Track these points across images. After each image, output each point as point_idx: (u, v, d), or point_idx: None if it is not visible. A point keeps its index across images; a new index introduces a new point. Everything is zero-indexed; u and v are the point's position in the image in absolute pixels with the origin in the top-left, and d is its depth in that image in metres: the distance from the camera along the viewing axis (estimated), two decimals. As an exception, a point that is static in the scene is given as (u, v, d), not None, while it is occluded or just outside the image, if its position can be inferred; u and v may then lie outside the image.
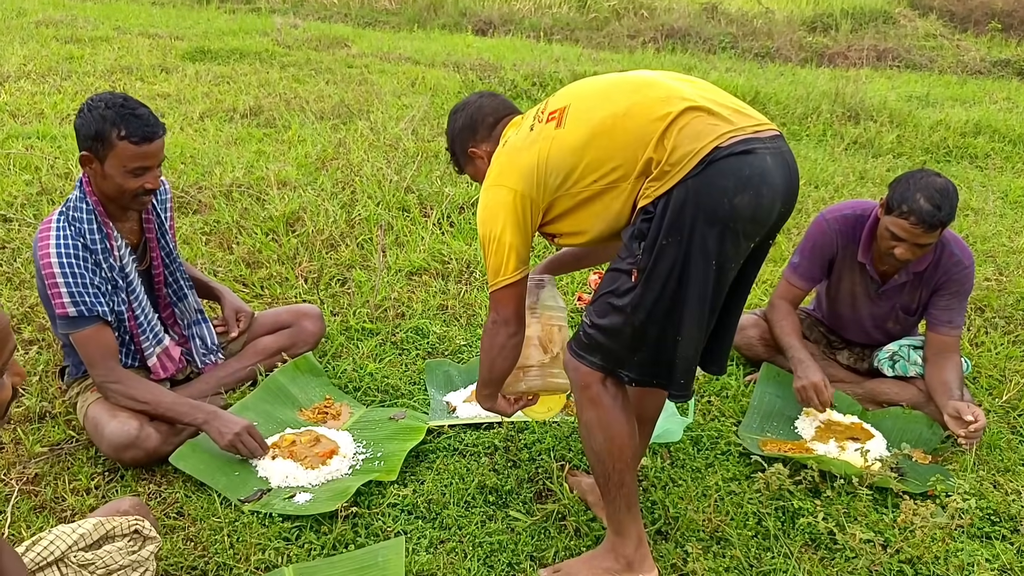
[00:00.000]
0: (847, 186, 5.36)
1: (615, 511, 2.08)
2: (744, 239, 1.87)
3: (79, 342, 2.45)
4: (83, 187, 2.46)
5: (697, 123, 1.81)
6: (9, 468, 2.44)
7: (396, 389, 2.97)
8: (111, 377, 2.47)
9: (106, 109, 2.35)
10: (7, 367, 1.29)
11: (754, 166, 1.80)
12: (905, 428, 2.85)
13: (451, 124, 2.30)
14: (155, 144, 2.39)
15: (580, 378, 1.99)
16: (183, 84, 7.07)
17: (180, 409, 2.49)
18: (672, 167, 1.80)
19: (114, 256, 2.50)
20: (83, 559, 1.76)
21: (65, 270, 2.39)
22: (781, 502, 2.44)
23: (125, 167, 2.37)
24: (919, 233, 2.68)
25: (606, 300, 1.93)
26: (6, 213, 4.02)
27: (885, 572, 2.20)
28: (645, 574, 2.09)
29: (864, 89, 7.54)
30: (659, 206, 1.81)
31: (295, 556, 2.17)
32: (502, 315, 2.06)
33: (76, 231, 2.43)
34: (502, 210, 1.97)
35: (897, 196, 2.71)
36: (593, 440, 2.02)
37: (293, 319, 3.05)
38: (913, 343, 3.01)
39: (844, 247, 2.95)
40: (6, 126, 5.40)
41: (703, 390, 3.06)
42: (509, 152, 2.02)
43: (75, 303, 2.40)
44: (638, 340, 1.91)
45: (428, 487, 2.44)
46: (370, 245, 4.02)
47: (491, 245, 2.00)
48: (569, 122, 1.93)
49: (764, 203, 1.83)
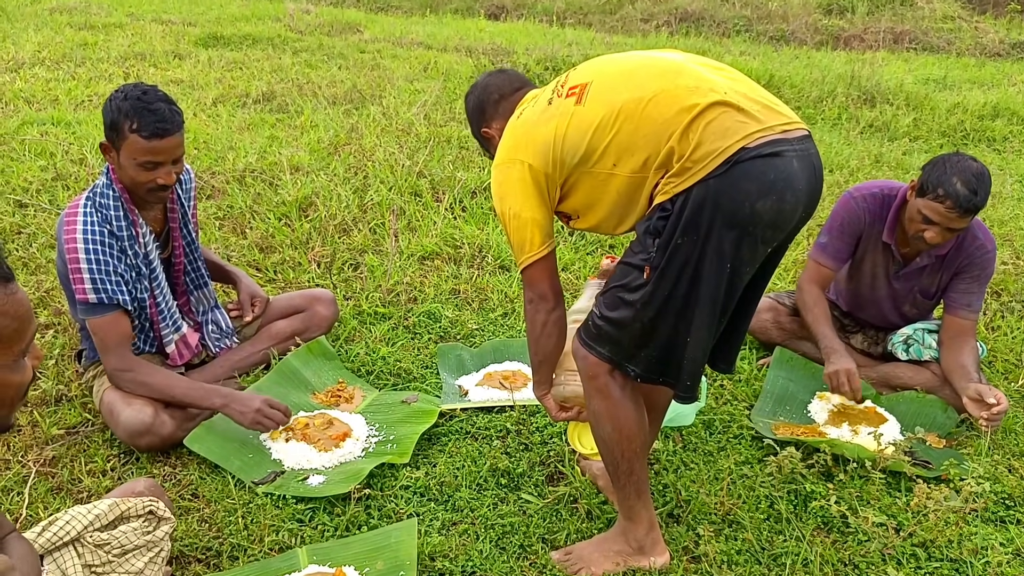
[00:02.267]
0: (862, 170, 5.31)
1: (625, 497, 2.08)
2: (762, 244, 1.83)
3: (95, 328, 2.47)
4: (110, 174, 2.48)
5: (725, 119, 1.75)
6: (26, 450, 2.46)
7: (408, 373, 2.98)
8: (123, 365, 2.48)
9: (124, 101, 2.36)
10: (28, 349, 1.30)
11: (780, 170, 1.74)
12: (919, 412, 2.84)
13: (466, 108, 2.29)
14: (166, 141, 2.38)
15: (588, 367, 1.98)
16: (196, 70, 7.08)
17: (195, 394, 2.50)
18: (694, 164, 1.74)
19: (139, 243, 2.52)
20: (99, 539, 1.78)
21: (90, 256, 2.41)
22: (793, 485, 2.44)
23: (135, 160, 2.39)
24: (954, 217, 2.66)
25: (616, 293, 1.90)
26: (22, 199, 4.05)
27: (898, 555, 2.20)
28: (657, 557, 2.10)
29: (880, 72, 7.46)
30: (677, 204, 1.77)
31: (308, 537, 2.19)
32: (537, 291, 2.02)
33: (103, 217, 2.45)
34: (518, 185, 1.93)
35: (933, 179, 2.68)
36: (602, 429, 2.01)
37: (307, 303, 3.07)
38: (928, 327, 2.99)
39: (871, 225, 2.91)
40: (21, 112, 5.42)
41: (716, 375, 3.05)
42: (524, 125, 1.97)
43: (96, 290, 2.42)
44: (646, 336, 1.89)
45: (440, 470, 2.45)
46: (382, 230, 4.03)
47: (512, 222, 1.96)
48: (590, 100, 1.87)
49: (787, 209, 1.78)
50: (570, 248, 4.00)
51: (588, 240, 4.07)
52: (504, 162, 1.97)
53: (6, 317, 1.22)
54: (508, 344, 3.16)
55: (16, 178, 4.24)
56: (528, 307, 2.05)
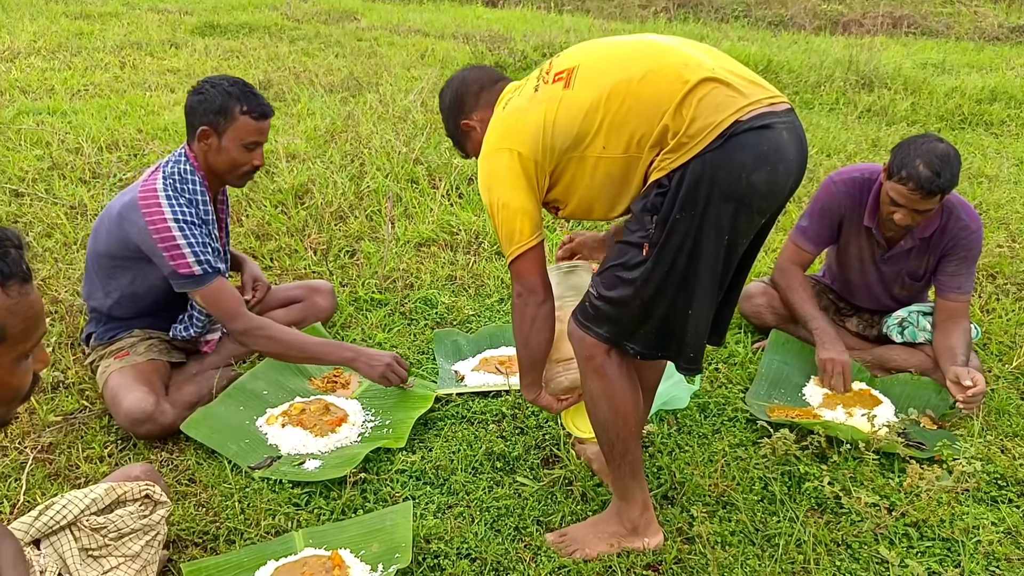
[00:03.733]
0: (859, 154, 5.31)
1: (620, 478, 2.09)
2: (757, 215, 1.86)
3: (211, 297, 2.52)
4: (190, 161, 2.56)
5: (716, 94, 1.77)
6: (24, 437, 2.48)
7: (405, 358, 2.99)
8: (255, 323, 2.55)
9: (230, 86, 2.51)
10: (34, 352, 1.30)
11: (772, 141, 1.78)
12: (913, 394, 2.85)
13: (441, 106, 2.23)
14: (268, 122, 2.58)
15: (585, 348, 1.98)
16: (193, 59, 7.06)
17: (326, 350, 2.64)
18: (690, 139, 1.76)
19: (216, 227, 2.63)
20: (95, 523, 1.80)
21: (185, 232, 2.48)
22: (787, 467, 2.45)
23: (242, 140, 2.52)
24: (917, 199, 2.66)
25: (614, 272, 1.90)
26: (18, 188, 4.05)
27: (890, 535, 2.21)
28: (651, 538, 2.12)
29: (878, 56, 7.44)
30: (674, 180, 1.78)
31: (305, 521, 2.20)
32: (526, 284, 1.98)
33: (188, 200, 2.54)
34: (507, 174, 1.91)
35: (897, 161, 2.69)
36: (598, 410, 2.02)
37: (306, 294, 3.09)
38: (923, 309, 3.00)
39: (851, 210, 2.93)
40: (17, 102, 5.42)
41: (711, 358, 3.06)
42: (511, 114, 1.95)
43: (199, 262, 2.49)
44: (646, 313, 1.90)
45: (436, 454, 2.47)
46: (379, 217, 4.03)
47: (500, 213, 1.93)
48: (578, 83, 1.87)
49: (780, 179, 1.82)
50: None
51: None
52: (492, 151, 1.94)
53: (15, 316, 1.22)
54: (504, 330, 3.17)
55: (12, 167, 4.24)
56: (516, 301, 2.01)
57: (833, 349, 2.85)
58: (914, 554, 2.16)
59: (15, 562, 1.42)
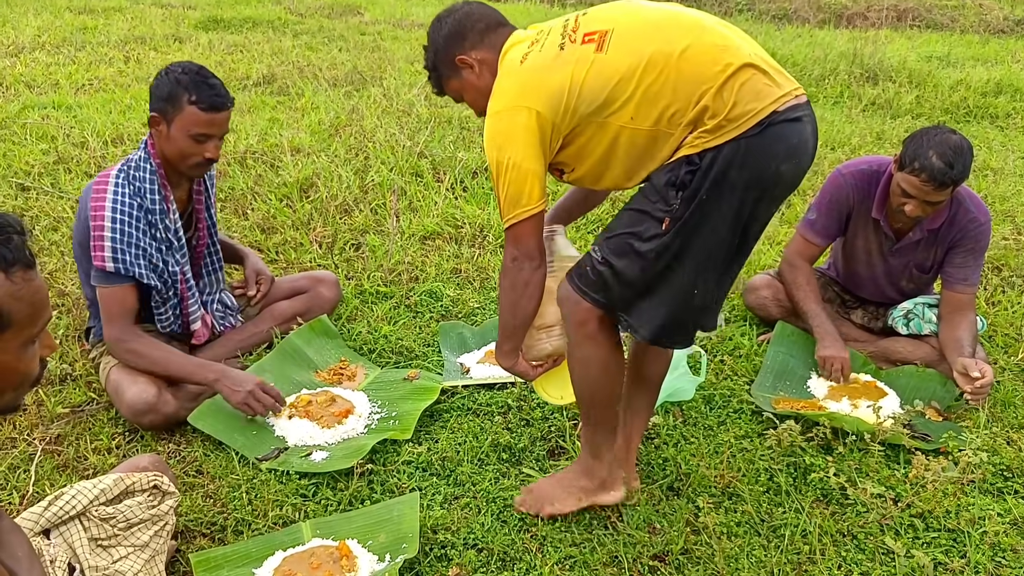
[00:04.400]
0: (864, 147, 5.30)
1: (594, 436, 2.13)
2: (774, 204, 1.90)
3: (103, 297, 2.50)
4: (147, 148, 2.51)
5: (756, 82, 1.78)
6: (32, 429, 2.49)
7: (410, 351, 3.00)
8: (123, 336, 2.50)
9: (182, 74, 2.43)
10: (40, 337, 1.31)
11: (801, 135, 1.81)
12: (919, 386, 2.85)
13: (434, 33, 2.07)
14: (222, 115, 2.46)
15: (578, 313, 1.96)
16: (196, 53, 7.07)
17: (190, 368, 2.52)
18: (729, 123, 1.76)
19: (170, 218, 2.56)
20: (104, 513, 1.81)
21: (116, 225, 2.44)
22: (793, 458, 2.45)
23: (189, 132, 2.43)
24: (929, 191, 2.66)
25: (626, 240, 1.88)
26: (24, 182, 4.06)
27: (896, 526, 2.22)
28: (616, 491, 2.18)
29: (883, 50, 7.42)
30: (706, 159, 1.78)
31: (312, 512, 2.21)
32: (524, 249, 1.92)
33: (135, 190, 2.49)
34: (523, 133, 1.83)
35: (910, 152, 2.68)
36: (587, 374, 2.03)
37: (310, 285, 3.09)
38: (928, 301, 3.00)
39: (860, 202, 2.92)
40: (22, 96, 5.43)
41: (715, 349, 3.06)
42: (532, 70, 1.86)
43: (115, 259, 2.45)
44: (650, 287, 1.90)
45: (442, 445, 2.48)
46: (383, 210, 4.04)
47: (509, 173, 1.85)
48: (613, 48, 1.81)
49: (801, 172, 1.86)
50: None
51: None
52: (508, 108, 1.86)
53: (21, 302, 1.23)
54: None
55: (18, 161, 4.25)
56: (510, 266, 1.95)
57: (832, 347, 2.85)
58: (920, 545, 2.17)
59: (30, 557, 1.43)
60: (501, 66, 1.96)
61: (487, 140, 1.90)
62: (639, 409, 2.28)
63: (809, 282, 3.02)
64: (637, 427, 2.30)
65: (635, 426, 2.29)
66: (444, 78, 2.09)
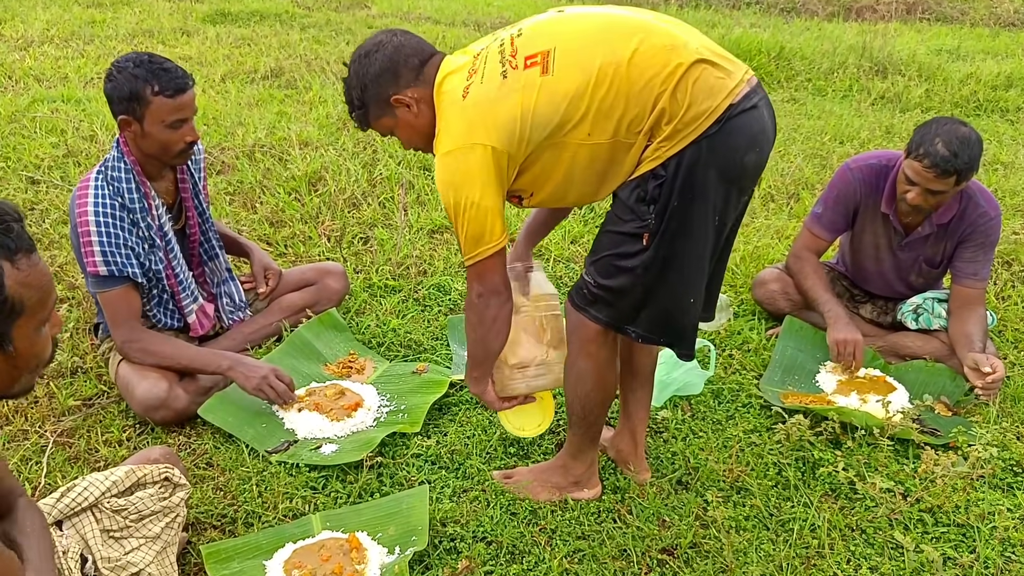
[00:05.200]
0: (873, 141, 5.28)
1: (579, 440, 2.18)
2: (743, 194, 1.91)
3: (106, 301, 2.50)
4: (120, 147, 2.49)
5: (707, 77, 1.76)
6: (44, 421, 2.50)
7: (419, 344, 3.00)
8: (132, 337, 2.51)
9: (136, 68, 2.37)
10: (49, 318, 1.32)
11: (758, 121, 1.82)
12: (928, 381, 2.84)
13: (361, 69, 1.94)
14: (188, 95, 2.42)
15: (583, 331, 2.00)
16: (204, 47, 7.06)
17: (203, 359, 2.53)
18: (685, 126, 1.76)
19: (152, 215, 2.54)
20: (116, 505, 1.82)
21: (100, 229, 2.43)
22: (801, 453, 2.45)
23: (164, 122, 2.40)
24: (931, 178, 2.65)
25: (611, 262, 1.90)
26: (34, 175, 4.07)
27: (905, 520, 2.22)
28: (591, 489, 2.25)
29: (892, 43, 7.38)
30: (670, 168, 1.79)
31: (322, 504, 2.22)
32: (490, 286, 1.90)
33: (114, 190, 2.47)
34: (479, 171, 1.78)
35: (917, 139, 2.68)
36: (580, 387, 2.08)
37: (318, 277, 3.09)
38: (937, 296, 2.99)
39: (868, 196, 2.91)
40: (31, 90, 5.44)
41: (724, 344, 3.06)
42: (477, 105, 1.80)
43: (107, 262, 2.44)
44: (646, 298, 1.92)
45: (451, 438, 2.48)
46: (392, 204, 4.04)
47: (468, 212, 1.81)
48: (558, 68, 1.76)
49: (764, 158, 1.87)
50: (579, 221, 4.00)
51: (597, 212, 4.07)
52: (460, 148, 1.80)
53: (29, 288, 1.24)
54: (517, 316, 3.17)
55: (28, 155, 4.26)
56: (477, 302, 1.92)
57: (845, 329, 2.85)
58: (929, 539, 2.17)
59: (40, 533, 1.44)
60: (439, 100, 1.88)
61: (440, 181, 1.84)
62: (637, 401, 2.31)
63: (816, 271, 3.02)
64: (639, 420, 2.32)
65: (637, 419, 2.32)
66: (373, 116, 1.99)
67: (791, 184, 4.54)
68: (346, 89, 2.00)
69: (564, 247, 3.74)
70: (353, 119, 2.03)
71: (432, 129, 1.92)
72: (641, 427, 2.31)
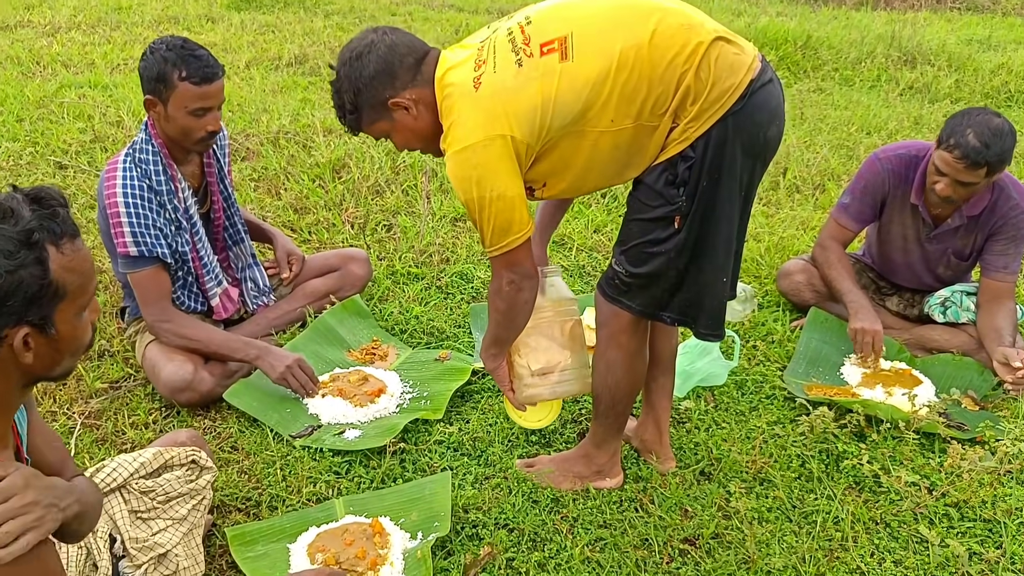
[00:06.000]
0: (901, 132, 5.22)
1: (603, 430, 2.18)
2: (764, 167, 1.93)
3: (136, 282, 2.52)
4: (148, 130, 2.51)
5: (726, 54, 1.76)
6: (71, 403, 2.53)
7: (441, 332, 3.01)
8: (163, 317, 2.53)
9: (167, 51, 2.39)
10: (89, 304, 1.34)
11: (774, 95, 1.83)
12: (955, 375, 2.81)
13: (353, 72, 1.85)
14: (215, 85, 2.43)
15: (616, 321, 2.00)
16: (229, 33, 7.09)
17: (232, 345, 2.55)
18: (711, 104, 1.75)
19: (178, 197, 2.56)
20: (144, 486, 1.84)
21: (130, 210, 2.45)
22: (825, 445, 2.44)
23: (187, 108, 2.41)
24: (961, 169, 2.61)
25: (643, 250, 1.90)
26: (61, 160, 4.11)
27: (930, 515, 2.20)
28: (613, 479, 2.24)
29: (922, 32, 7.28)
30: (699, 148, 1.78)
31: (345, 489, 2.24)
32: (521, 271, 1.88)
33: (142, 172, 2.49)
34: (500, 163, 1.75)
35: (948, 130, 2.65)
36: (610, 376, 2.08)
37: (341, 263, 3.10)
38: (966, 289, 2.95)
39: (896, 187, 2.88)
40: (59, 76, 5.49)
41: (748, 335, 3.04)
42: (494, 95, 1.75)
43: (136, 243, 2.46)
44: (680, 282, 1.92)
45: (473, 426, 2.49)
46: (415, 191, 4.04)
47: (495, 204, 1.77)
48: (578, 53, 1.73)
49: (782, 130, 1.89)
50: (602, 210, 3.99)
51: (620, 201, 4.05)
52: (479, 142, 1.75)
53: (72, 273, 1.26)
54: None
55: (56, 140, 4.30)
56: (507, 288, 1.89)
57: (865, 319, 2.81)
58: (954, 534, 2.15)
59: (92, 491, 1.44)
60: (444, 95, 1.82)
61: (459, 178, 1.79)
62: (660, 389, 2.30)
63: (841, 261, 2.99)
64: (663, 408, 2.32)
65: (660, 408, 2.31)
66: (367, 120, 1.91)
67: (817, 175, 4.50)
68: (335, 93, 1.91)
69: (587, 236, 3.73)
70: (344, 124, 1.95)
71: (432, 130, 1.88)
72: (664, 415, 2.31)
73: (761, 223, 3.90)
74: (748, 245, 3.54)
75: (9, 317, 1.20)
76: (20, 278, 1.18)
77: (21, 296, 1.19)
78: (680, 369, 2.56)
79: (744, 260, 3.22)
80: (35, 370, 1.28)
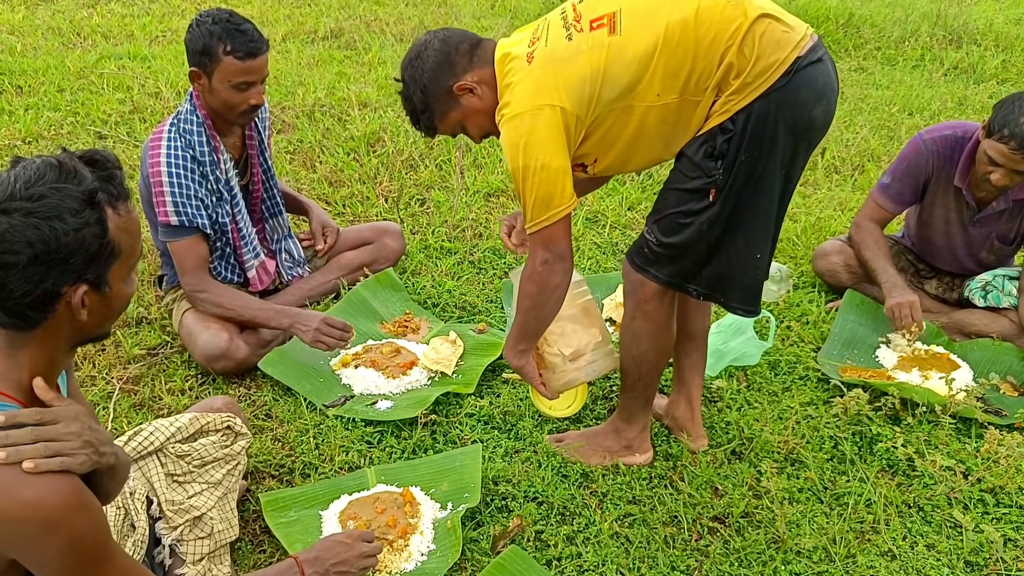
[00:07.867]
0: (944, 113, 5.10)
1: (632, 404, 2.18)
2: (810, 150, 1.89)
3: (175, 250, 2.55)
4: (193, 100, 2.53)
5: (773, 30, 1.76)
6: (110, 368, 2.58)
7: (473, 306, 3.02)
8: (201, 286, 2.56)
9: (213, 25, 2.41)
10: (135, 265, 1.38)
11: (823, 75, 1.80)
12: (994, 360, 2.76)
13: (414, 72, 1.93)
14: (259, 60, 2.44)
15: (643, 291, 2.00)
16: (265, 6, 7.11)
17: (266, 315, 2.58)
18: (754, 79, 1.75)
19: (221, 168, 2.58)
20: (180, 450, 1.87)
21: (172, 179, 2.48)
22: (859, 427, 2.41)
23: (231, 82, 2.43)
24: (1018, 159, 2.55)
25: (675, 220, 1.90)
26: (101, 130, 4.17)
27: (964, 500, 2.17)
28: (642, 454, 2.24)
29: (968, 11, 7.10)
30: (739, 122, 1.78)
31: (377, 458, 2.26)
32: (557, 250, 1.88)
33: (186, 143, 2.51)
34: (547, 132, 1.78)
35: (999, 118, 2.57)
36: (637, 346, 2.07)
37: (375, 236, 3.12)
38: (1009, 273, 2.89)
39: (940, 169, 2.82)
40: (99, 47, 5.54)
41: (783, 315, 3.01)
42: (545, 67, 1.79)
43: (177, 212, 2.49)
44: (710, 255, 1.91)
45: (504, 400, 2.50)
46: (448, 166, 4.04)
47: (538, 175, 1.79)
48: (626, 28, 1.76)
49: (831, 112, 1.86)
50: (636, 187, 3.96)
51: (656, 179, 4.02)
52: (528, 111, 1.79)
53: (126, 233, 1.30)
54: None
55: (96, 111, 4.36)
56: (540, 269, 1.89)
57: (900, 295, 2.76)
58: (989, 520, 2.12)
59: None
60: (504, 70, 1.87)
61: (509, 144, 1.82)
62: (692, 366, 2.29)
63: (877, 242, 2.94)
64: (695, 386, 2.31)
65: (692, 385, 2.31)
66: (439, 115, 1.96)
67: (856, 155, 4.42)
68: (405, 100, 1.98)
69: (621, 213, 3.70)
70: (420, 128, 2.01)
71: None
72: (696, 393, 2.30)
73: (798, 203, 3.85)
74: (784, 225, 3.49)
75: (71, 274, 1.23)
76: (83, 237, 1.22)
77: (83, 254, 1.23)
78: (713, 348, 2.55)
79: (780, 240, 3.18)
80: (87, 328, 1.32)
